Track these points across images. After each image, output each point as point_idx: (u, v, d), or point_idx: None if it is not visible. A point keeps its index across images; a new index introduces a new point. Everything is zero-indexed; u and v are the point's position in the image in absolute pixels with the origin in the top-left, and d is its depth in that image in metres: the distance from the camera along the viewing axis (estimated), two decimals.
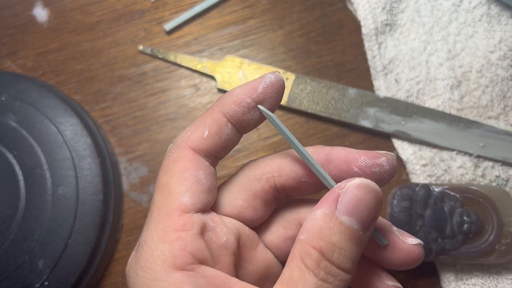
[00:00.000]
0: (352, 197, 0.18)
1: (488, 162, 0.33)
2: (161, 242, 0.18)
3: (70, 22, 0.37)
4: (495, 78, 0.34)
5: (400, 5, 0.36)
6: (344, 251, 0.17)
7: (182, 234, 0.18)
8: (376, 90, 0.35)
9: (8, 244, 0.29)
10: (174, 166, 0.20)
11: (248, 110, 0.20)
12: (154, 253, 0.18)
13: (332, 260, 0.17)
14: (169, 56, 0.36)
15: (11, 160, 0.31)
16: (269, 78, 0.20)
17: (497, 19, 0.36)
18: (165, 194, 0.20)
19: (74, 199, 0.30)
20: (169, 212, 0.19)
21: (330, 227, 0.18)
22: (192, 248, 0.18)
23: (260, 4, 0.38)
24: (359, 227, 0.18)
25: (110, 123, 0.35)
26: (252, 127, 0.21)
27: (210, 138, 0.20)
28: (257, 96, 0.20)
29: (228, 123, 0.20)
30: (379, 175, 0.20)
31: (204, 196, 0.20)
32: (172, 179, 0.20)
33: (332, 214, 0.18)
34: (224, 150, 0.21)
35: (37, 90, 0.33)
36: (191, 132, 0.20)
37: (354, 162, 0.20)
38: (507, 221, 0.29)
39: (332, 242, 0.17)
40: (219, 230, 0.20)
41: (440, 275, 0.31)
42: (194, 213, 0.19)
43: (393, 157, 0.20)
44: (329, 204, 0.18)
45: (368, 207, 0.18)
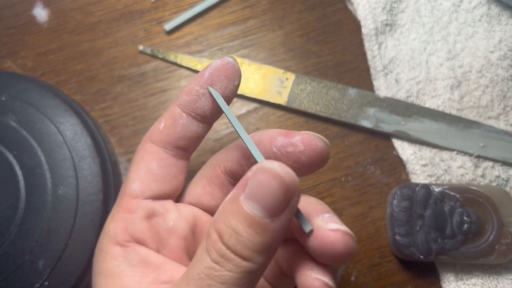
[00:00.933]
0: (256, 182, 0.17)
1: (488, 162, 0.33)
2: (110, 220, 0.21)
3: (70, 22, 0.37)
4: (495, 78, 0.34)
5: (400, 5, 0.36)
6: (241, 237, 0.16)
7: (125, 216, 0.21)
8: (376, 90, 0.35)
9: (8, 244, 0.29)
10: (136, 157, 0.22)
11: (198, 97, 0.21)
12: (105, 229, 0.21)
13: (227, 244, 0.17)
14: (169, 56, 0.36)
15: (11, 160, 0.31)
16: (215, 63, 0.21)
17: (497, 19, 0.36)
18: (125, 181, 0.22)
19: (74, 199, 0.30)
20: (122, 196, 0.22)
21: (233, 211, 0.17)
22: (132, 229, 0.21)
23: (260, 4, 0.38)
24: (263, 214, 0.16)
25: (110, 123, 0.35)
26: (211, 114, 0.21)
27: (165, 130, 0.21)
28: (204, 82, 0.21)
29: (183, 113, 0.21)
30: (294, 156, 0.19)
31: (155, 185, 0.21)
32: (131, 168, 0.22)
33: (237, 198, 0.17)
34: (185, 140, 0.22)
35: (37, 90, 0.33)
36: (153, 126, 0.22)
37: (273, 141, 0.20)
38: (507, 221, 0.29)
39: (230, 226, 0.17)
40: (167, 216, 0.22)
41: (440, 275, 0.31)
42: (143, 199, 0.21)
43: (313, 137, 0.19)
44: (239, 187, 0.17)
45: (273, 193, 0.16)
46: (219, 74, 0.21)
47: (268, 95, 0.35)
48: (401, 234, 0.30)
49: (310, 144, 0.19)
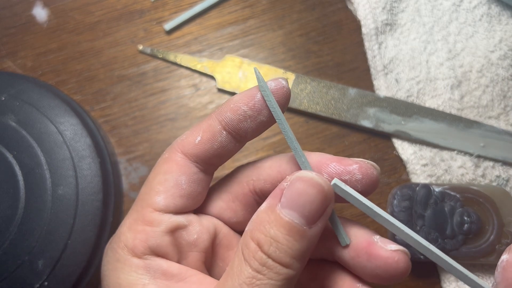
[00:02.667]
0: (294, 190, 0.17)
1: (488, 162, 0.33)
2: (128, 230, 0.20)
3: (70, 22, 0.37)
4: (496, 78, 0.34)
5: (400, 5, 0.36)
6: (282, 245, 0.17)
7: (147, 229, 0.20)
8: (376, 90, 0.35)
9: (8, 244, 0.29)
10: (162, 165, 0.21)
11: (244, 118, 0.20)
12: (121, 238, 0.20)
13: (267, 253, 0.17)
14: (169, 56, 0.36)
15: (11, 160, 0.31)
16: (269, 84, 0.19)
17: (497, 18, 0.36)
18: (147, 189, 0.21)
19: (74, 199, 0.30)
20: (144, 206, 0.20)
21: (270, 220, 0.17)
22: (152, 243, 0.20)
23: (260, 4, 0.38)
24: (301, 222, 0.17)
25: (110, 123, 0.35)
26: (251, 136, 0.20)
27: (201, 144, 0.20)
28: (255, 103, 0.19)
29: (223, 131, 0.20)
30: (350, 184, 0.19)
31: (180, 200, 0.20)
32: (155, 177, 0.21)
33: (274, 207, 0.17)
34: (218, 158, 0.21)
35: (37, 90, 0.33)
36: (186, 136, 0.21)
37: (324, 167, 0.19)
38: (507, 221, 0.29)
39: (269, 235, 0.17)
40: (191, 229, 0.21)
41: (440, 275, 0.31)
42: (165, 213, 0.20)
43: (370, 166, 0.19)
44: (274, 197, 0.18)
45: (311, 201, 0.17)
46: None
47: None
48: None
49: (367, 173, 0.19)
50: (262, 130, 0.20)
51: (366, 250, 0.19)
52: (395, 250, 0.19)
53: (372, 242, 0.19)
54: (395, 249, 0.19)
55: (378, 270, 0.19)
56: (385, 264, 0.19)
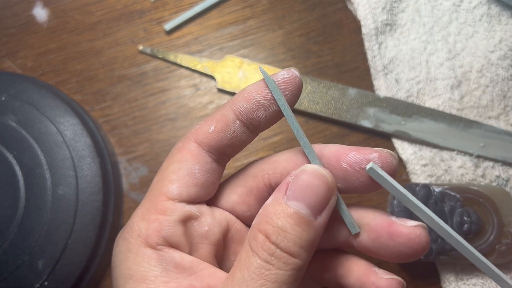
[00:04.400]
0: (299, 182, 0.18)
1: (488, 162, 0.33)
2: (141, 219, 0.20)
3: (70, 22, 0.37)
4: (496, 78, 0.34)
5: (400, 5, 0.36)
6: (289, 234, 0.17)
7: (160, 218, 0.20)
8: (376, 90, 0.35)
9: (8, 244, 0.29)
10: (176, 154, 0.21)
11: (257, 107, 0.20)
12: (134, 228, 0.20)
13: (276, 242, 0.17)
14: (169, 56, 0.36)
15: (11, 160, 0.31)
16: (282, 75, 0.20)
17: (497, 19, 0.36)
18: (160, 178, 0.21)
19: (74, 199, 0.30)
20: (157, 194, 0.20)
21: (277, 212, 0.18)
22: (166, 233, 0.19)
23: (260, 4, 0.38)
24: (308, 212, 0.18)
25: (110, 123, 0.35)
26: (264, 125, 0.21)
27: (215, 134, 0.20)
28: (267, 93, 0.20)
29: (236, 120, 0.20)
30: (368, 175, 0.19)
31: (194, 189, 0.20)
32: (169, 166, 0.21)
33: (281, 200, 0.18)
34: (231, 147, 0.21)
35: (37, 90, 0.33)
36: (200, 125, 0.21)
37: (343, 157, 0.20)
38: (507, 221, 0.29)
39: (277, 226, 0.17)
40: (203, 220, 0.21)
41: (440, 275, 0.31)
42: (179, 202, 0.20)
43: (389, 155, 0.19)
44: (280, 190, 0.18)
45: (317, 192, 0.18)
46: (285, 87, 0.20)
47: None
48: None
49: (387, 161, 0.19)
50: (274, 120, 0.21)
51: (387, 230, 0.19)
52: (416, 226, 0.19)
53: (391, 221, 0.20)
54: (415, 225, 0.19)
55: (401, 247, 0.19)
56: (408, 239, 0.19)
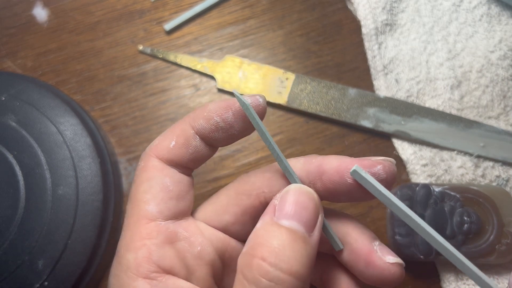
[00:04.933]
0: (288, 201, 0.18)
1: (488, 162, 0.33)
2: (127, 250, 0.19)
3: (70, 22, 0.37)
4: (496, 78, 0.34)
5: (400, 5, 0.36)
6: (289, 252, 0.16)
7: (146, 242, 0.18)
8: (376, 90, 0.35)
9: (8, 244, 0.29)
10: (141, 175, 0.20)
11: (216, 129, 0.20)
12: (122, 261, 0.19)
13: (275, 264, 0.16)
14: (169, 56, 0.36)
15: (11, 160, 0.31)
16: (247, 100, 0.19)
17: (497, 19, 0.36)
18: (133, 203, 0.20)
19: (74, 199, 0.30)
20: (135, 220, 0.19)
21: (270, 233, 0.17)
22: (156, 257, 0.18)
23: (260, 4, 0.38)
24: (302, 229, 0.17)
25: (110, 123, 0.35)
26: (221, 144, 0.20)
27: (176, 149, 0.20)
28: (227, 117, 0.19)
29: (196, 135, 0.20)
30: None
31: (172, 203, 0.20)
32: (139, 188, 0.20)
33: (272, 221, 0.17)
34: (194, 162, 0.20)
35: (37, 90, 0.33)
36: (159, 141, 0.20)
37: (347, 173, 0.19)
38: (507, 221, 0.29)
39: (273, 246, 0.16)
40: (193, 240, 0.20)
41: (440, 275, 0.31)
42: (163, 221, 0.19)
43: (391, 164, 0.19)
44: (268, 213, 0.18)
45: (306, 208, 0.18)
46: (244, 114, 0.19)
47: (268, 95, 0.35)
48: (401, 234, 0.29)
49: (390, 171, 0.19)
50: (232, 141, 0.20)
51: (365, 258, 0.19)
52: (393, 264, 0.19)
53: (371, 250, 0.19)
54: (393, 262, 0.19)
55: (373, 277, 0.19)
56: (381, 274, 0.19)
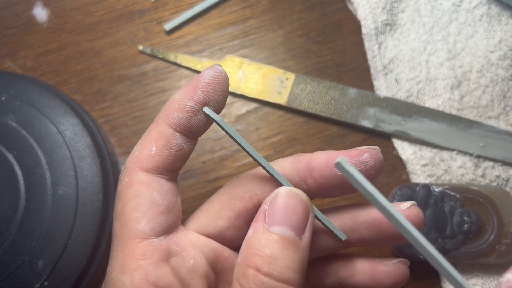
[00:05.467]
0: (278, 207, 0.18)
1: (488, 162, 0.33)
2: (121, 272, 0.18)
3: (70, 22, 0.37)
4: (496, 78, 0.34)
5: (400, 5, 0.36)
6: (282, 260, 0.16)
7: (142, 263, 0.18)
8: (376, 90, 0.35)
9: (8, 244, 0.29)
10: (127, 191, 0.19)
11: (193, 115, 0.19)
12: (116, 284, 0.18)
13: (269, 273, 0.16)
14: (169, 56, 0.36)
15: (11, 160, 0.31)
16: (208, 74, 0.19)
17: (497, 19, 0.36)
18: (122, 222, 0.19)
19: (74, 199, 0.30)
20: (127, 240, 0.18)
21: (262, 241, 0.17)
22: (154, 277, 0.18)
23: (260, 4, 0.38)
24: (292, 234, 0.17)
25: (110, 123, 0.35)
26: (203, 129, 0.20)
27: (159, 154, 0.19)
28: (198, 96, 0.19)
29: (176, 133, 0.19)
30: (365, 173, 0.19)
31: (163, 217, 0.19)
32: (126, 206, 0.19)
33: (262, 228, 0.17)
34: (179, 161, 0.20)
35: (37, 90, 0.33)
36: (138, 151, 0.19)
37: None
38: (507, 221, 0.29)
39: (266, 255, 0.16)
40: (185, 254, 0.19)
41: (440, 275, 0.31)
42: (155, 238, 0.19)
43: (377, 151, 0.19)
44: (258, 220, 0.18)
45: (296, 212, 0.18)
46: (214, 86, 0.19)
47: (268, 95, 0.35)
48: None
49: (377, 158, 0.19)
50: (211, 123, 0.20)
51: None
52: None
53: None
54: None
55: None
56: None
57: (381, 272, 0.21)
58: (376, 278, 0.21)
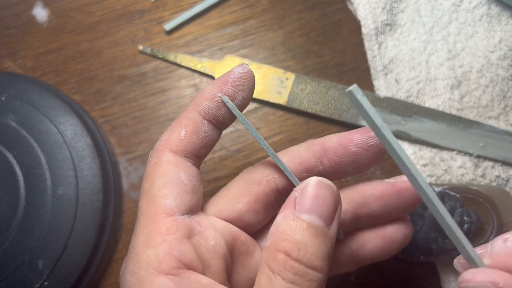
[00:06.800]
0: (308, 195, 0.18)
1: (488, 162, 0.33)
2: (146, 246, 0.19)
3: (70, 22, 0.37)
4: (495, 78, 0.34)
5: (400, 5, 0.36)
6: (311, 247, 0.17)
7: (167, 238, 0.18)
8: (376, 90, 0.35)
9: (8, 244, 0.29)
10: (155, 170, 0.20)
11: (221, 105, 0.20)
12: (140, 258, 0.18)
13: (298, 259, 0.17)
14: (169, 56, 0.36)
15: (11, 160, 0.31)
16: (238, 70, 0.20)
17: (497, 19, 0.36)
18: (149, 199, 0.20)
19: (74, 199, 0.30)
20: (153, 216, 0.19)
21: (292, 227, 0.18)
22: (177, 252, 0.18)
23: (260, 4, 0.38)
24: (321, 223, 0.18)
25: (110, 123, 0.35)
26: (229, 121, 0.21)
27: (187, 138, 0.20)
28: (227, 89, 0.20)
29: (204, 120, 0.20)
30: (376, 148, 0.20)
31: (188, 197, 0.20)
32: (153, 184, 0.20)
33: (293, 215, 0.18)
34: (204, 148, 0.21)
35: (37, 90, 0.33)
36: (168, 135, 0.20)
37: (349, 142, 0.20)
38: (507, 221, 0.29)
39: (296, 241, 0.17)
40: (207, 234, 0.20)
41: (440, 275, 0.31)
42: (180, 215, 0.19)
43: None
44: (289, 206, 0.18)
45: (326, 202, 0.18)
46: (242, 82, 0.20)
47: (268, 95, 0.35)
48: None
49: None
50: (235, 117, 0.21)
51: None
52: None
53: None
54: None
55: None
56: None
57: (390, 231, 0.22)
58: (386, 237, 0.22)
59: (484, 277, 0.18)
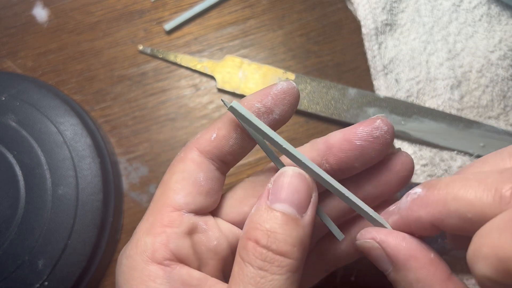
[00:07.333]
0: (279, 185, 0.18)
1: None
2: (146, 234, 0.19)
3: (70, 22, 0.37)
4: (495, 78, 0.34)
5: (400, 5, 0.36)
6: (279, 234, 0.17)
7: (167, 230, 0.19)
8: (376, 90, 0.35)
9: (8, 244, 0.29)
10: (177, 165, 0.20)
11: (257, 115, 0.20)
12: (138, 244, 0.19)
13: (267, 245, 0.17)
14: (169, 56, 0.36)
15: (11, 160, 0.31)
16: (281, 85, 0.20)
17: (497, 19, 0.36)
18: (162, 190, 0.20)
19: (74, 199, 0.30)
20: (161, 207, 0.20)
21: (263, 217, 0.18)
22: (174, 245, 0.19)
23: (260, 4, 0.38)
24: (293, 211, 0.18)
25: (110, 123, 0.35)
26: None
27: (217, 141, 0.20)
28: (267, 101, 0.20)
29: (238, 127, 0.20)
30: (381, 139, 0.20)
31: (200, 198, 0.20)
32: (172, 177, 0.20)
33: (265, 205, 0.18)
34: (233, 155, 0.21)
35: (37, 90, 0.33)
36: (201, 134, 0.21)
37: (354, 136, 0.20)
38: None
39: (266, 229, 0.17)
40: (211, 234, 0.20)
41: None
42: (186, 212, 0.20)
43: (385, 117, 0.20)
44: (262, 197, 0.19)
45: (298, 190, 0.18)
46: (284, 97, 0.20)
47: None
48: None
49: (388, 123, 0.20)
50: (274, 128, 0.21)
51: None
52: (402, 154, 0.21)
53: None
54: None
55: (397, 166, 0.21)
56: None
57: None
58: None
59: (367, 235, 0.19)
